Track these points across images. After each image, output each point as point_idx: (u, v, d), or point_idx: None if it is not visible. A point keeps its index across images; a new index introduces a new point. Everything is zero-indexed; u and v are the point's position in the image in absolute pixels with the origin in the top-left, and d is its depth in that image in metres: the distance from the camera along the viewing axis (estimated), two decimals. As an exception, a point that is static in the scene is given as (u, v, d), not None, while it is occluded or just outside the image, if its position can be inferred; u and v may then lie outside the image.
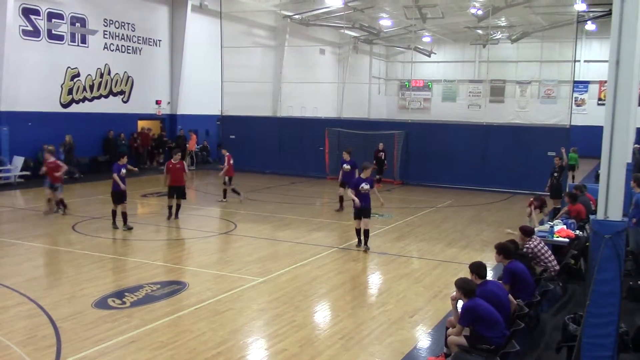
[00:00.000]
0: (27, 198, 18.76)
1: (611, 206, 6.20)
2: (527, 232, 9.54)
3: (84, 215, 15.46)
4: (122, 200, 13.75)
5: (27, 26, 21.82)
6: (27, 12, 21.80)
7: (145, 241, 13.16)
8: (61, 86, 23.54)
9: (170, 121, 29.46)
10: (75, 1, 23.66)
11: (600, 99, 39.40)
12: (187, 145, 28.10)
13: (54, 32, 22.90)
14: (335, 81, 40.51)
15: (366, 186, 12.32)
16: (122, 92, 26.36)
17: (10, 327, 7.75)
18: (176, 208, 15.27)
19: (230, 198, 18.50)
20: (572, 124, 22.68)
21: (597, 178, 17.64)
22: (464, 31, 38.31)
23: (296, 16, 32.11)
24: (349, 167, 16.54)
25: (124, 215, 13.82)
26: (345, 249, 12.60)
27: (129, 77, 26.58)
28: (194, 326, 7.98)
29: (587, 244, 9.05)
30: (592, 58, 39.77)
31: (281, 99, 32.77)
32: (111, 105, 25.73)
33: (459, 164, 23.06)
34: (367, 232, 12.49)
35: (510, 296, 7.18)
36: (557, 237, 10.80)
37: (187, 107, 29.56)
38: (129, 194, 14.17)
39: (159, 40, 28.19)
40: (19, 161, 21.43)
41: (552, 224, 11.45)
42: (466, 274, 7.36)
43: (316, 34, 36.84)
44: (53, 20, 22.83)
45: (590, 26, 35.47)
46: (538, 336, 8.09)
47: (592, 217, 6.65)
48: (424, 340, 7.91)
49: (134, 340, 7.41)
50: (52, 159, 15.40)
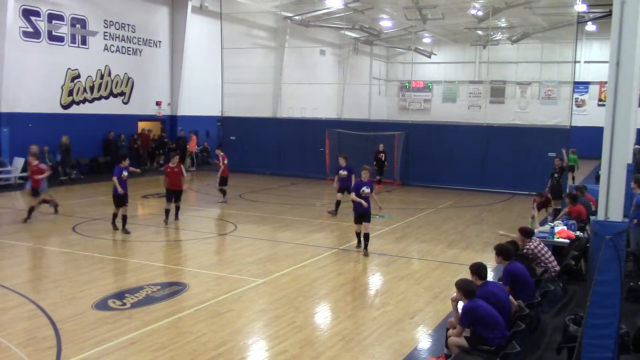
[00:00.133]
0: (28, 199, 18.72)
1: (612, 207, 6.20)
2: (526, 233, 9.54)
3: (85, 217, 15.46)
4: (123, 203, 13.62)
5: (27, 27, 21.84)
6: (28, 14, 21.82)
7: (145, 242, 13.16)
8: (61, 87, 23.55)
9: (171, 122, 29.47)
10: (76, 2, 23.68)
11: (600, 99, 39.43)
12: (188, 147, 28.12)
13: (54, 33, 22.92)
14: (335, 82, 40.55)
15: (367, 189, 12.20)
16: (122, 93, 26.37)
17: (11, 329, 7.75)
18: (175, 209, 15.17)
19: (232, 200, 18.50)
20: (573, 124, 22.72)
21: (597, 179, 17.65)
22: (464, 32, 38.32)
23: (296, 17, 32.12)
24: (345, 172, 16.36)
25: (124, 218, 13.71)
26: (345, 250, 12.60)
27: (129, 78, 26.60)
28: (194, 327, 7.97)
29: (588, 244, 9.04)
30: (593, 59, 39.79)
31: (281, 100, 32.79)
32: (111, 107, 25.74)
33: (459, 164, 23.05)
34: (367, 236, 12.35)
35: (510, 297, 7.19)
36: (558, 238, 10.81)
37: (187, 108, 29.58)
38: (129, 195, 14.10)
39: (159, 42, 28.21)
40: (19, 162, 21.40)
41: (552, 224, 11.47)
42: (467, 275, 7.35)
43: (316, 35, 36.85)
44: (53, 21, 22.84)
45: (590, 27, 35.50)
46: (538, 337, 8.08)
47: (592, 218, 6.65)
48: (424, 341, 7.90)
49: (134, 342, 7.41)
50: (35, 162, 14.90)
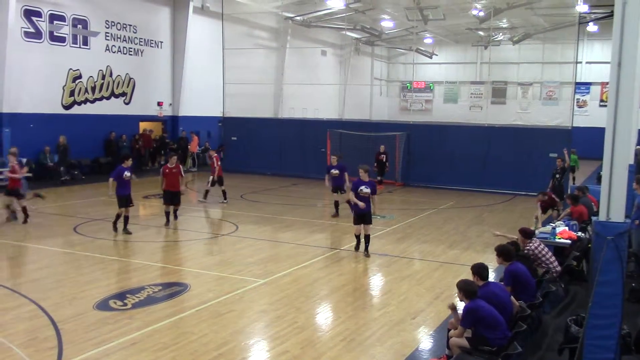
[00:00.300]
0: (29, 200, 18.72)
1: (613, 208, 6.20)
2: (526, 234, 9.52)
3: (86, 217, 15.47)
4: (127, 204, 13.48)
5: (29, 28, 21.86)
6: (29, 14, 21.84)
7: (146, 243, 13.16)
8: (63, 88, 23.56)
9: (172, 123, 29.47)
10: (77, 3, 23.70)
11: (602, 100, 39.38)
12: (189, 147, 28.15)
13: (55, 33, 22.93)
14: (336, 83, 40.55)
15: (366, 189, 11.83)
16: (123, 94, 26.39)
17: (12, 329, 7.75)
18: (173, 210, 15.03)
19: (233, 200, 18.50)
20: (574, 125, 22.69)
21: (598, 179, 17.60)
22: (465, 33, 38.32)
23: (298, 18, 32.13)
24: (337, 171, 16.33)
25: (126, 219, 13.58)
26: (346, 251, 12.58)
27: (130, 78, 26.61)
28: (195, 328, 7.97)
29: (589, 245, 9.03)
30: (594, 59, 39.74)
31: (283, 100, 32.84)
32: (113, 107, 25.75)
33: (460, 165, 23.03)
34: (368, 238, 12.17)
35: (512, 298, 7.18)
36: (559, 239, 10.79)
37: (188, 108, 29.58)
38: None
39: (161, 42, 28.22)
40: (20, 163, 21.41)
41: (554, 225, 11.46)
42: (468, 275, 7.35)
43: (318, 35, 36.85)
44: (55, 22, 22.85)
45: (592, 27, 35.48)
46: (540, 338, 8.07)
47: (594, 218, 6.65)
48: (425, 342, 7.90)
49: (135, 342, 7.41)
50: (14, 162, 14.67)
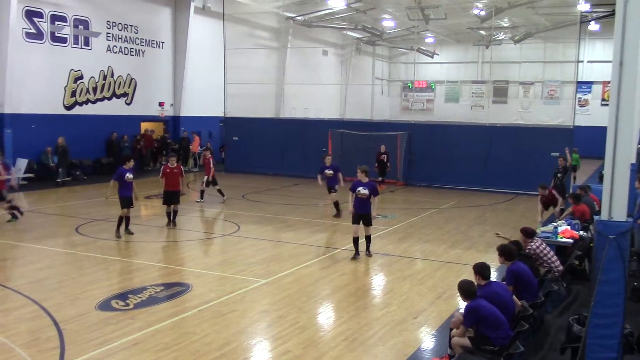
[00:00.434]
0: (31, 200, 18.77)
1: (615, 207, 6.19)
2: (528, 233, 9.53)
3: (88, 218, 15.48)
4: (129, 205, 13.34)
5: (30, 29, 21.88)
6: (30, 15, 21.87)
7: (148, 243, 13.16)
8: (64, 88, 23.58)
9: (174, 123, 29.50)
10: (78, 3, 23.73)
11: (603, 99, 39.35)
12: (190, 147, 28.17)
13: (57, 34, 22.96)
14: (338, 82, 40.54)
15: (364, 190, 11.56)
16: (125, 94, 26.41)
17: (14, 329, 7.76)
18: (173, 214, 14.69)
19: (235, 200, 18.50)
20: (576, 124, 22.65)
21: (601, 179, 17.60)
22: (466, 32, 38.28)
23: (299, 18, 32.13)
24: (332, 172, 16.30)
25: (127, 219, 13.48)
26: (348, 250, 12.55)
27: (132, 79, 26.63)
28: (197, 328, 7.98)
29: (592, 244, 9.02)
30: (596, 58, 39.69)
31: (284, 100, 32.81)
32: (114, 108, 25.78)
33: (462, 165, 23.02)
34: (369, 238, 12.07)
35: (514, 297, 7.17)
36: (561, 238, 10.79)
37: (190, 109, 29.60)
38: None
39: (162, 42, 28.23)
40: (22, 163, 21.47)
41: (556, 224, 11.44)
42: (470, 275, 7.34)
43: (319, 35, 36.84)
44: (56, 22, 22.88)
45: (593, 26, 35.42)
46: (542, 337, 8.06)
47: (596, 217, 6.63)
48: (427, 341, 7.89)
49: (137, 342, 7.42)
50: None
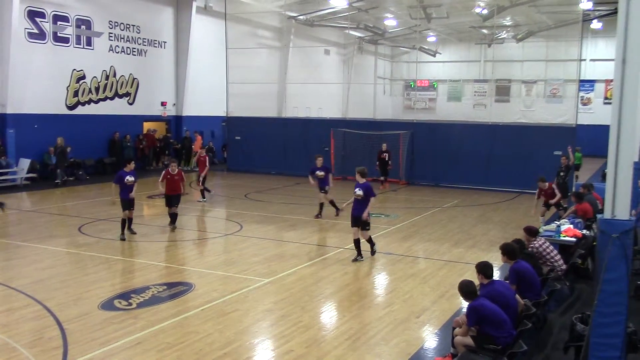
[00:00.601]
0: (34, 200, 18.83)
1: (618, 205, 6.19)
2: (531, 232, 9.51)
3: (90, 217, 15.50)
4: (130, 207, 13.30)
5: (32, 29, 21.92)
6: (33, 15, 21.90)
7: (151, 242, 13.18)
8: (67, 88, 23.63)
9: (176, 123, 29.53)
10: (81, 3, 23.76)
11: (606, 97, 39.25)
12: (193, 147, 28.18)
13: (59, 34, 23.00)
14: (340, 82, 40.53)
15: (359, 192, 11.48)
16: (127, 94, 26.44)
17: (17, 329, 7.77)
18: (173, 217, 14.53)
19: (237, 200, 18.50)
20: (578, 123, 22.60)
21: (603, 177, 17.57)
22: (469, 31, 38.25)
23: (301, 17, 32.11)
24: (323, 173, 16.18)
25: (130, 220, 13.46)
26: (350, 250, 12.54)
27: (134, 79, 26.66)
28: (200, 327, 7.98)
29: (595, 243, 9.00)
30: (598, 57, 39.60)
31: (286, 99, 32.82)
32: (117, 107, 25.82)
33: (464, 163, 23.00)
34: (370, 241, 11.89)
35: (517, 296, 7.16)
36: (564, 237, 10.76)
37: (192, 108, 29.63)
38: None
39: (164, 42, 28.26)
40: (25, 163, 21.51)
41: (558, 223, 11.42)
42: (473, 274, 7.34)
43: (321, 34, 36.84)
44: (58, 22, 22.92)
45: (596, 25, 35.37)
46: (545, 336, 8.05)
47: (599, 216, 6.62)
48: (430, 340, 7.88)
49: (140, 342, 7.42)
50: None
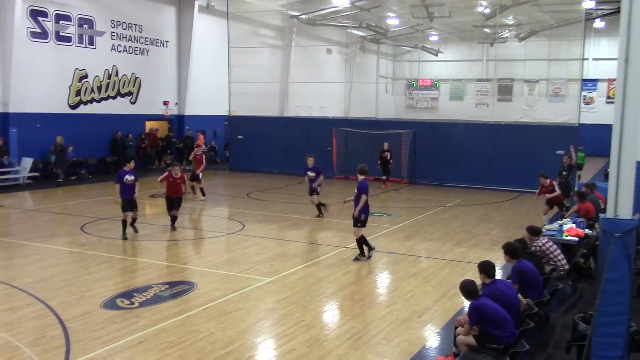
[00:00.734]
0: (36, 199, 18.85)
1: (621, 204, 6.17)
2: (534, 231, 9.50)
3: (92, 216, 15.52)
4: (132, 207, 13.20)
5: (35, 28, 21.94)
6: (35, 14, 21.93)
7: (153, 241, 13.19)
8: (69, 87, 23.65)
9: (178, 122, 29.55)
10: (83, 3, 23.78)
11: (609, 97, 39.17)
12: (195, 146, 28.14)
13: (61, 33, 23.02)
14: (342, 81, 40.47)
15: (355, 189, 11.57)
16: (129, 93, 26.46)
17: (20, 328, 7.79)
18: (173, 219, 14.35)
19: (239, 199, 18.51)
20: (581, 122, 22.60)
21: (606, 176, 17.55)
22: (471, 30, 38.15)
23: (303, 16, 32.08)
24: (314, 174, 16.11)
25: (133, 220, 13.41)
26: (352, 249, 12.54)
27: (136, 78, 26.68)
28: (202, 326, 7.99)
29: (597, 242, 8.99)
30: (601, 56, 39.53)
31: (288, 98, 32.81)
32: (119, 106, 25.85)
33: (466, 163, 22.99)
34: (357, 242, 11.71)
35: (519, 295, 7.15)
36: (567, 236, 10.75)
37: (194, 107, 29.64)
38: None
39: (166, 41, 28.28)
40: (27, 162, 21.54)
41: (561, 222, 11.41)
42: (475, 273, 7.33)
43: (323, 33, 36.81)
44: (61, 22, 22.95)
45: (598, 24, 35.27)
46: (548, 335, 8.04)
47: (601, 215, 6.61)
48: (432, 339, 7.88)
49: (142, 341, 7.44)
50: None
